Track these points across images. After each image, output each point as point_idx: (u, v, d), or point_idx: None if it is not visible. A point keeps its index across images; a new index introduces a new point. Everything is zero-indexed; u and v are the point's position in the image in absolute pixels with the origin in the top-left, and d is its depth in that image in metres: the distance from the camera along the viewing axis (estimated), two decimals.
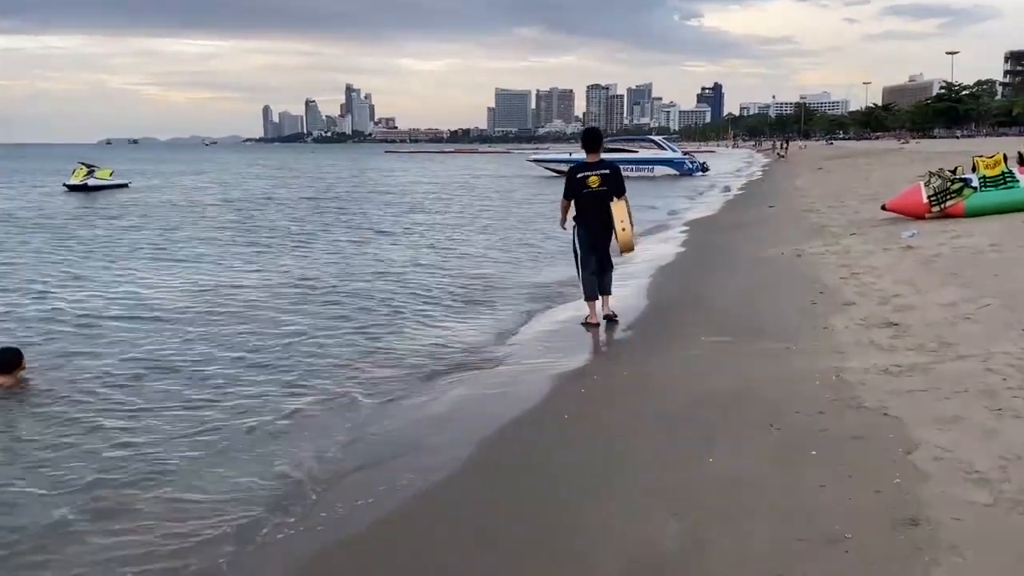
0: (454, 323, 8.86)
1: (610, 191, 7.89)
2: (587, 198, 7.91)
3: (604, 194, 7.87)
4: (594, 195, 7.88)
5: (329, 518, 4.01)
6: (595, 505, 3.81)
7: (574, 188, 7.96)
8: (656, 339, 7.25)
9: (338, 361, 7.10)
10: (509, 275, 12.18)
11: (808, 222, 15.37)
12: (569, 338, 7.74)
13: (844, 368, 5.46)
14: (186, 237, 17.73)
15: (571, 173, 8.06)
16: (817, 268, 9.74)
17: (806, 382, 5.29)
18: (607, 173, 7.93)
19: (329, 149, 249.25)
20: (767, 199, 23.17)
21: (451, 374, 6.67)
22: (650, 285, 10.28)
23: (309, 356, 7.27)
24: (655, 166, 50.23)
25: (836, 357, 5.77)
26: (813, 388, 5.14)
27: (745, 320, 7.40)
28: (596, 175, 7.87)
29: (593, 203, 7.89)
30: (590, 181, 7.86)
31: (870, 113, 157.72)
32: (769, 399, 5.05)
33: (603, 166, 8.01)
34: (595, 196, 7.88)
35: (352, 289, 10.90)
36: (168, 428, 5.42)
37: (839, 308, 7.35)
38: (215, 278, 11.91)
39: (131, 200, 30.74)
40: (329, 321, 8.84)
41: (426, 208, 26.66)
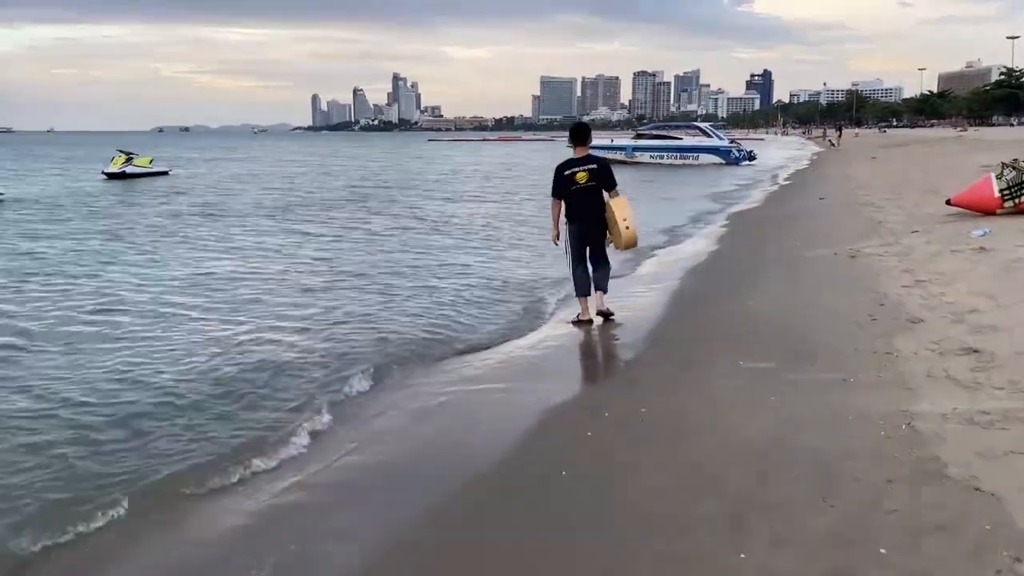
0: (448, 321, 7.92)
1: (599, 186, 7.65)
2: (576, 195, 7.63)
3: (594, 189, 7.64)
4: (583, 191, 7.61)
5: None
6: None
7: (562, 185, 7.64)
8: (683, 361, 6.16)
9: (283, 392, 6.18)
10: (532, 271, 11.15)
11: (863, 217, 14.06)
12: (582, 350, 6.73)
13: (916, 413, 4.35)
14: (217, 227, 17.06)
15: (558, 170, 7.72)
16: (875, 273, 8.55)
17: (868, 431, 4.20)
18: (595, 168, 7.66)
19: (375, 137, 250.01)
20: (817, 190, 21.76)
21: (421, 387, 5.71)
22: (679, 290, 9.18)
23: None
24: (700, 154, 48.88)
25: (904, 395, 4.66)
26: (877, 441, 4.06)
27: (791, 338, 6.29)
28: (584, 170, 7.60)
29: (583, 199, 7.63)
30: (578, 177, 7.59)
31: (925, 100, 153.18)
32: (821, 456, 3.98)
33: (591, 161, 7.71)
34: (584, 192, 7.62)
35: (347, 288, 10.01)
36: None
37: (904, 326, 6.20)
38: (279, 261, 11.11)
39: (168, 187, 30.37)
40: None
41: (461, 196, 25.73)
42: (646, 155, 49.51)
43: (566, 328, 7.70)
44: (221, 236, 15.67)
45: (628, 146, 50.96)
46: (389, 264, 12.04)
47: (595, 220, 7.63)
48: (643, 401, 5.17)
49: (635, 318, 7.81)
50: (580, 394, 5.57)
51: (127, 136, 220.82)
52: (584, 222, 7.64)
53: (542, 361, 6.59)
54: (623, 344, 6.93)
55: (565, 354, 6.80)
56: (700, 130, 53.64)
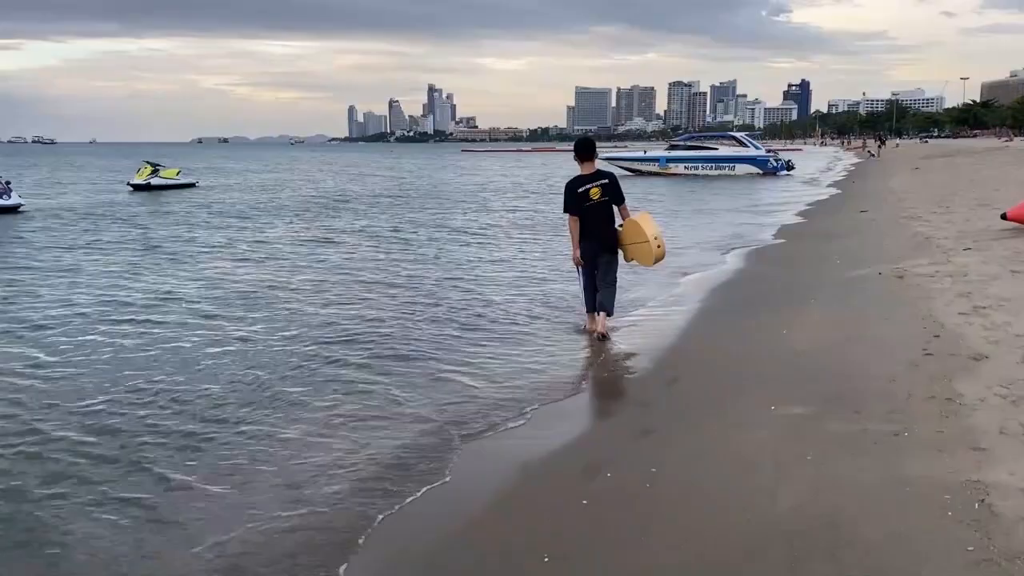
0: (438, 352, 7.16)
1: (611, 201, 7.52)
2: (590, 211, 7.44)
3: (607, 205, 7.50)
4: (596, 207, 7.45)
5: None
6: None
7: (577, 203, 7.45)
8: (706, 404, 5.33)
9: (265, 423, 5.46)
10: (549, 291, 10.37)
11: (909, 232, 13.06)
12: (589, 385, 5.93)
13: (991, 484, 3.50)
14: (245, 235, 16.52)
15: (570, 187, 7.53)
16: (927, 296, 7.63)
17: (929, 509, 3.36)
18: (606, 183, 7.49)
19: (409, 148, 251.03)
20: (859, 202, 20.68)
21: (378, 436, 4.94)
22: (708, 314, 8.33)
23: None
24: (736, 164, 47.68)
25: (974, 459, 3.80)
26: (942, 523, 3.22)
27: (832, 377, 5.43)
28: (596, 186, 7.43)
29: (597, 216, 7.47)
30: (592, 193, 7.42)
31: (968, 110, 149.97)
32: (868, 542, 3.15)
33: (601, 176, 7.53)
34: (598, 208, 7.47)
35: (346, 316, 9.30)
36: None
37: (965, 364, 5.31)
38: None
39: (193, 199, 30.08)
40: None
41: (488, 207, 25.02)
42: (680, 166, 48.46)
43: (574, 355, 6.91)
44: (225, 250, 15.11)
45: (662, 157, 49.89)
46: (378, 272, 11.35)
47: (607, 238, 7.51)
48: (655, 458, 4.34)
49: (656, 347, 7.00)
50: (579, 446, 4.73)
51: (167, 147, 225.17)
52: (597, 240, 7.48)
53: (539, 397, 5.78)
54: (639, 380, 6.09)
55: (568, 389, 5.97)
56: (736, 140, 52.35)
